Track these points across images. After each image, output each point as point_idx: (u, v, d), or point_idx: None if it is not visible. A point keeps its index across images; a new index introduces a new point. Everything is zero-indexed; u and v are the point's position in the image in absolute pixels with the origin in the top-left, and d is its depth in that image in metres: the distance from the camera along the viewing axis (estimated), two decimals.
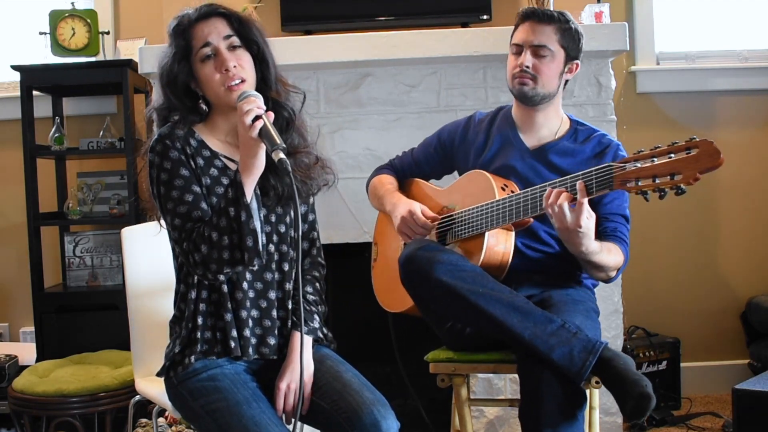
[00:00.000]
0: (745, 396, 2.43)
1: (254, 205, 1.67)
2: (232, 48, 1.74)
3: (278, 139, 1.60)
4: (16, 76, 3.26)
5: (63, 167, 3.50)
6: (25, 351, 3.32)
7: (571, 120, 2.22)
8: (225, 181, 1.74)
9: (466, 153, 2.26)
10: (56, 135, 3.28)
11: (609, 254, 1.95)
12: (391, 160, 2.47)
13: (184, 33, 1.75)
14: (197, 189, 1.71)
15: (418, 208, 2.17)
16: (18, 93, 3.26)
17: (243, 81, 1.72)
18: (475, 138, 2.26)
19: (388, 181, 2.37)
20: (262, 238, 1.69)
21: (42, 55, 3.40)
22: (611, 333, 2.92)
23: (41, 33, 3.35)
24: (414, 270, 1.96)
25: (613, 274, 2.01)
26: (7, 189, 3.58)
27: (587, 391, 1.86)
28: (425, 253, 1.94)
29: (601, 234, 2.02)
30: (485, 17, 3.15)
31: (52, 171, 3.46)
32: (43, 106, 3.39)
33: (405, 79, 2.98)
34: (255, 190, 1.69)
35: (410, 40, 2.86)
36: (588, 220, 1.82)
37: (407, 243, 2.07)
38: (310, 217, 1.93)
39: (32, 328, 3.37)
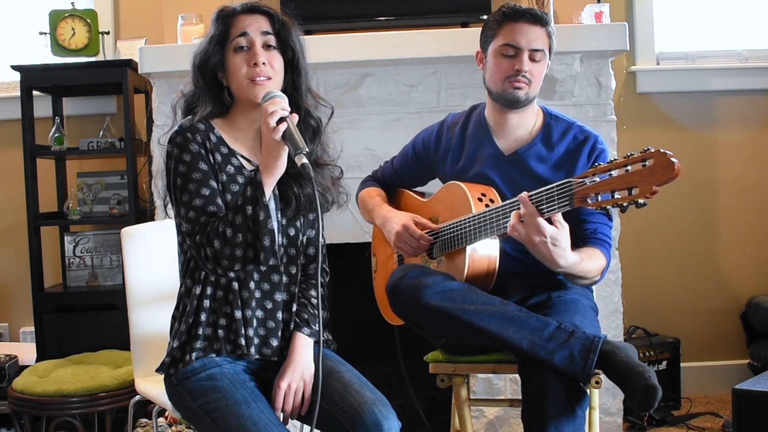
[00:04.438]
0: (745, 396, 2.43)
1: (272, 206, 1.67)
2: (267, 47, 1.76)
3: (302, 144, 1.60)
4: (16, 76, 3.26)
5: (63, 167, 3.50)
6: (25, 351, 3.32)
7: (544, 113, 2.13)
8: (240, 179, 1.75)
9: (443, 160, 2.22)
10: (56, 135, 3.28)
11: (590, 261, 1.90)
12: (374, 172, 2.45)
13: (225, 19, 1.77)
14: (214, 184, 1.71)
15: (410, 220, 2.14)
16: (18, 93, 3.26)
17: (269, 79, 1.74)
18: (449, 144, 2.21)
19: (377, 193, 2.35)
20: (279, 239, 1.68)
21: (42, 55, 3.40)
22: (611, 333, 2.92)
23: (41, 33, 3.35)
24: (402, 299, 1.96)
25: (596, 278, 1.97)
26: (7, 189, 3.59)
27: (588, 390, 1.86)
28: (410, 281, 1.94)
29: (581, 237, 1.97)
30: (485, 17, 3.12)
31: (52, 171, 3.46)
32: (43, 106, 3.39)
33: (405, 79, 2.98)
34: (273, 191, 1.69)
35: (410, 40, 2.85)
36: (558, 231, 1.75)
37: (394, 270, 2.06)
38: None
39: (32, 328, 3.37)
